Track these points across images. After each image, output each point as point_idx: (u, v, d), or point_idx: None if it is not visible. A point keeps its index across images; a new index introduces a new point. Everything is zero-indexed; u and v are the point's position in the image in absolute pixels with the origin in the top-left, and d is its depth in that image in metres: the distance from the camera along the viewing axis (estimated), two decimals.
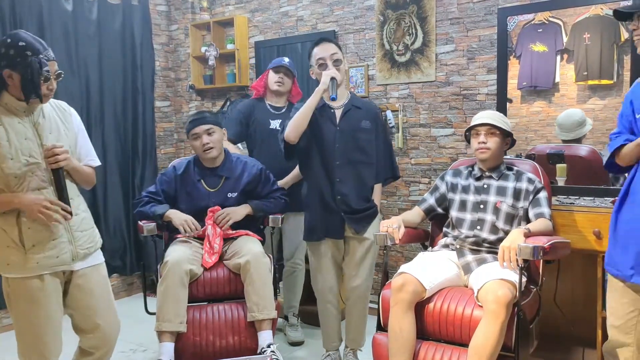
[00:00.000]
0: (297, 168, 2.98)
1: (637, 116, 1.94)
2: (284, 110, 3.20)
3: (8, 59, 1.90)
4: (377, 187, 2.73)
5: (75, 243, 2.05)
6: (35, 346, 2.00)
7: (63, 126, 2.09)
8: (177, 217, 2.71)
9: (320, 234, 2.66)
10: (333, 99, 2.53)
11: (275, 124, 3.16)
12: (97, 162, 2.20)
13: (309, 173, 2.70)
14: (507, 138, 2.43)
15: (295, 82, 3.26)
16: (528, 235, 2.16)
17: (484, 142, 2.38)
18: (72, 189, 2.10)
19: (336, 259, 2.71)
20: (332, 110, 2.64)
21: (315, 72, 2.64)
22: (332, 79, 2.51)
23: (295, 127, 2.53)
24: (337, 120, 2.63)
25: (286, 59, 3.20)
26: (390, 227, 2.38)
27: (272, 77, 3.16)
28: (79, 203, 2.13)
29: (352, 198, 2.61)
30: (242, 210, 2.80)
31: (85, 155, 2.17)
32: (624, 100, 2.05)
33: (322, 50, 2.59)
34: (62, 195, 1.98)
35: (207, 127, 2.75)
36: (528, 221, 2.36)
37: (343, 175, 2.61)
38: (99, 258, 2.18)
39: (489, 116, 2.40)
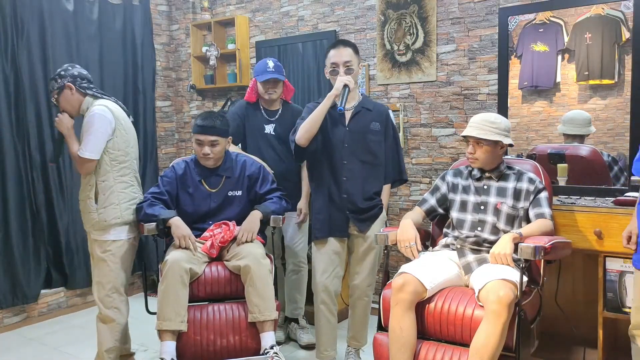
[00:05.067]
0: (306, 188, 3.08)
1: None
2: (278, 113, 3.15)
3: None
4: (386, 188, 2.76)
5: (83, 220, 2.68)
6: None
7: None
8: (179, 230, 2.63)
9: (326, 233, 2.68)
10: (340, 111, 2.51)
11: (269, 128, 3.13)
12: (82, 153, 2.53)
13: (316, 173, 2.72)
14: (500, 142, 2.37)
15: (286, 81, 3.15)
16: (519, 240, 2.16)
17: (471, 153, 2.38)
18: (83, 177, 2.62)
19: (339, 259, 2.70)
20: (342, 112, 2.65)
21: (329, 75, 2.66)
22: (345, 86, 2.51)
23: (306, 131, 2.55)
24: (347, 122, 2.65)
25: (270, 65, 3.03)
26: (409, 246, 2.36)
27: (262, 88, 3.07)
28: (87, 192, 2.59)
29: (357, 197, 2.65)
30: (256, 220, 2.74)
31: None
32: None
33: (337, 55, 2.59)
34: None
35: (213, 139, 2.71)
36: (528, 221, 2.35)
37: (350, 175, 2.64)
38: (105, 236, 2.63)
39: (477, 125, 2.35)
